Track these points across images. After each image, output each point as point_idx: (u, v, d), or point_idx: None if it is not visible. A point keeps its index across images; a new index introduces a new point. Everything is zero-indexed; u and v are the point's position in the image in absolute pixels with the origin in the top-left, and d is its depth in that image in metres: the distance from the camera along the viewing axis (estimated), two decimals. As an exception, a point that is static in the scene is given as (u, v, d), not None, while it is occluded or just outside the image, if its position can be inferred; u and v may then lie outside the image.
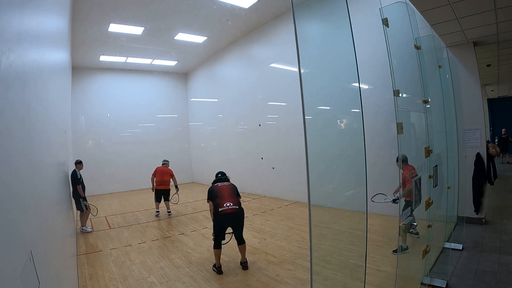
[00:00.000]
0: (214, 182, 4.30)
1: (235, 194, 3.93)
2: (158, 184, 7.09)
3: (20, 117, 0.99)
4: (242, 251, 3.78)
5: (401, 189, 2.92)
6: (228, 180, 4.36)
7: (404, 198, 3.26)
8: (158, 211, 7.14)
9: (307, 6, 1.87)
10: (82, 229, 5.82)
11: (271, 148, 8.60)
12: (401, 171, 2.85)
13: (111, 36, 8.28)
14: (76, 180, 5.55)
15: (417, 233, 3.78)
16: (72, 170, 5.60)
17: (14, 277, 0.74)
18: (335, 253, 2.25)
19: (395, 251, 4.16)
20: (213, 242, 3.75)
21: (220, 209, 3.64)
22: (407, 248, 3.63)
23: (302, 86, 1.61)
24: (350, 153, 2.33)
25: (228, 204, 3.67)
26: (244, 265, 3.76)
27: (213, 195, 3.89)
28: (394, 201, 3.77)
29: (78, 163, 5.91)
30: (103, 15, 7.05)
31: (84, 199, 5.71)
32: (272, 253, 4.21)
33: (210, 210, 3.81)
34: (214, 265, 3.74)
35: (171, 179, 7.23)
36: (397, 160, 3.47)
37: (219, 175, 4.44)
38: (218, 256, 3.70)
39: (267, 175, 8.86)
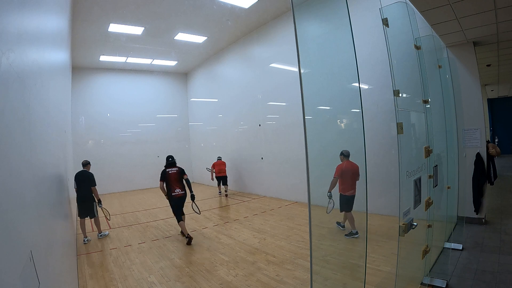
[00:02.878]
0: (166, 166, 5.37)
1: (180, 179, 5.25)
2: (217, 172, 9.47)
3: (20, 117, 0.99)
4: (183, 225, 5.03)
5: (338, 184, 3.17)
6: (175, 164, 5.46)
7: (340, 193, 3.91)
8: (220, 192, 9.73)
9: (307, 6, 1.87)
10: (100, 235, 5.42)
11: (271, 148, 8.60)
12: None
13: (111, 36, 8.28)
14: (94, 181, 5.37)
15: (343, 227, 4.26)
16: (85, 171, 5.45)
17: (14, 277, 0.74)
18: (335, 253, 2.25)
19: (347, 235, 4.54)
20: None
21: (172, 194, 5.06)
22: (357, 233, 4.07)
23: (302, 86, 1.61)
24: (350, 153, 2.33)
25: (177, 190, 5.11)
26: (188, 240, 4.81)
27: (165, 178, 5.17)
28: (327, 195, 3.75)
29: (87, 164, 5.71)
30: (103, 15, 7.05)
31: (100, 202, 5.49)
32: (272, 253, 4.21)
33: (161, 188, 5.21)
34: (183, 234, 4.97)
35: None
36: (340, 154, 4.05)
37: (170, 159, 5.43)
38: (184, 227, 5.00)
39: (267, 175, 8.86)
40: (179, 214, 5.10)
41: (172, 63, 11.92)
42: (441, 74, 3.93)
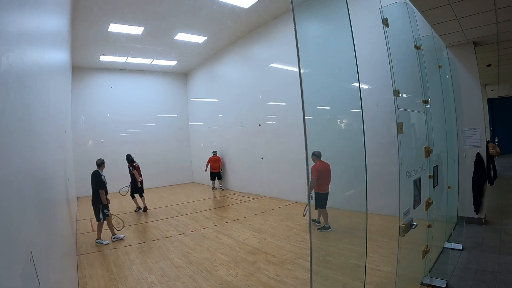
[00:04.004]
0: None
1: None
2: (211, 168, 10.48)
3: (20, 117, 0.99)
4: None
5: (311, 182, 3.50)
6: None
7: (313, 191, 4.20)
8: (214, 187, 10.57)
9: (307, 6, 1.87)
10: (97, 241, 5.07)
11: (271, 148, 8.60)
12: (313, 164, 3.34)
13: (111, 36, 8.28)
14: (100, 184, 5.05)
15: (318, 223, 4.68)
16: (93, 171, 5.25)
17: (14, 277, 0.74)
18: (335, 253, 2.25)
19: (319, 229, 4.89)
20: None
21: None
22: (329, 228, 4.33)
23: (302, 86, 1.61)
24: (350, 153, 2.33)
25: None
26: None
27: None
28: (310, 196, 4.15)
29: (102, 164, 5.43)
30: (103, 15, 7.04)
31: (106, 207, 5.19)
32: (272, 253, 4.21)
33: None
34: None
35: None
36: (312, 155, 4.58)
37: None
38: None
39: (267, 175, 8.86)
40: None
41: (172, 63, 11.92)
42: (441, 74, 3.93)
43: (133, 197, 7.72)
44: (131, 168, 7.67)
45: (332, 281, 2.35)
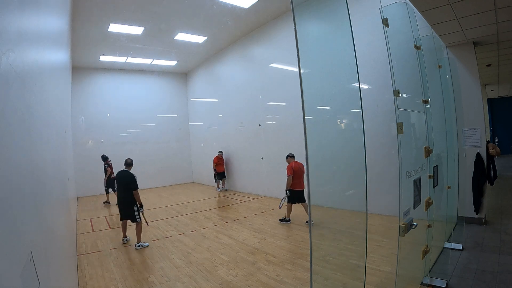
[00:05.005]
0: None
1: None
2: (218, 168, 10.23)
3: (20, 117, 0.99)
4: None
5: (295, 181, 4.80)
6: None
7: (290, 189, 5.54)
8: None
9: (307, 6, 1.87)
10: (138, 245, 4.74)
11: (271, 148, 8.60)
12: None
13: (111, 36, 8.28)
14: (136, 184, 4.85)
15: (288, 220, 5.82)
16: (124, 171, 4.99)
17: (14, 277, 0.74)
18: (335, 253, 2.25)
19: (281, 220, 5.94)
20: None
21: None
22: (289, 221, 5.78)
23: (302, 86, 1.61)
24: (350, 153, 2.33)
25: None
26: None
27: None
28: (286, 192, 5.68)
29: (132, 164, 5.17)
30: (103, 15, 7.05)
31: (141, 206, 4.93)
32: (272, 253, 4.21)
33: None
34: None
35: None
36: (287, 157, 5.86)
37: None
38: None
39: (267, 175, 8.86)
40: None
41: (172, 63, 11.92)
42: (441, 74, 3.93)
43: (107, 191, 8.75)
44: (106, 165, 8.71)
45: (332, 281, 2.35)
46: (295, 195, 5.62)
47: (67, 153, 5.29)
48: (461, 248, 3.86)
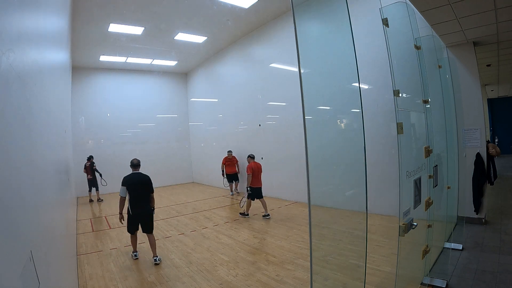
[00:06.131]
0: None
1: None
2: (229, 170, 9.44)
3: (20, 117, 0.99)
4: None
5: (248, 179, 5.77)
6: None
7: (250, 186, 6.38)
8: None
9: (307, 6, 1.87)
10: (159, 259, 4.14)
11: (271, 148, 8.60)
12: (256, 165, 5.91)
13: (111, 36, 8.28)
14: (152, 187, 4.32)
15: (247, 214, 6.60)
16: (139, 173, 4.34)
17: (14, 277, 0.74)
18: (335, 253, 2.25)
19: (241, 214, 6.68)
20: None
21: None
22: (248, 215, 6.57)
23: (302, 86, 1.61)
24: (350, 153, 2.33)
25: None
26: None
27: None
28: (246, 189, 6.45)
29: (139, 164, 4.47)
30: (103, 15, 7.04)
31: (153, 210, 4.38)
32: (272, 253, 4.21)
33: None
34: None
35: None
36: (248, 157, 6.69)
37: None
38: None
39: (267, 175, 8.84)
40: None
41: (172, 63, 11.92)
42: (441, 74, 3.93)
43: (90, 189, 9.41)
44: (95, 166, 9.44)
45: (332, 281, 2.35)
46: (254, 192, 6.41)
47: (67, 153, 5.29)
48: (461, 248, 3.86)
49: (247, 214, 6.55)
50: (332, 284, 2.34)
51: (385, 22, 2.32)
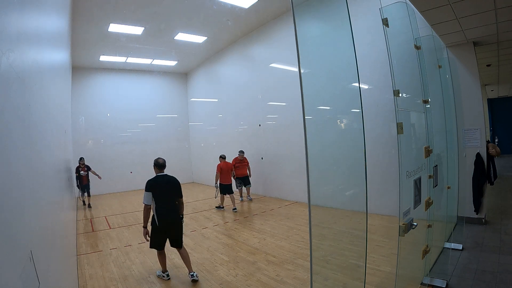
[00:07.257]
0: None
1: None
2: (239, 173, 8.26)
3: (20, 117, 0.99)
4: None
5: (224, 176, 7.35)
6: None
7: (220, 183, 7.37)
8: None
9: (307, 6, 1.87)
10: (196, 275, 3.45)
11: (271, 148, 8.60)
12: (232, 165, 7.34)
13: (111, 36, 8.29)
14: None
15: (222, 207, 7.40)
16: (167, 175, 3.72)
17: (14, 277, 0.74)
18: (335, 253, 2.25)
19: (217, 207, 7.52)
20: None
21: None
22: (223, 208, 7.39)
23: (302, 86, 1.61)
24: (350, 153, 2.33)
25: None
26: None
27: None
28: (215, 185, 7.41)
29: (165, 164, 3.79)
30: (103, 15, 7.05)
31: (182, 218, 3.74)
32: (272, 253, 4.21)
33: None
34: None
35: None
36: (220, 157, 7.57)
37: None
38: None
39: (267, 175, 8.86)
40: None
41: (172, 63, 11.92)
42: (441, 74, 3.93)
43: (83, 193, 8.93)
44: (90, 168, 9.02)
45: (332, 281, 2.35)
46: (222, 188, 7.32)
47: (67, 153, 5.29)
48: (461, 248, 3.86)
49: (222, 207, 7.44)
50: (332, 284, 2.34)
51: (385, 22, 2.32)
